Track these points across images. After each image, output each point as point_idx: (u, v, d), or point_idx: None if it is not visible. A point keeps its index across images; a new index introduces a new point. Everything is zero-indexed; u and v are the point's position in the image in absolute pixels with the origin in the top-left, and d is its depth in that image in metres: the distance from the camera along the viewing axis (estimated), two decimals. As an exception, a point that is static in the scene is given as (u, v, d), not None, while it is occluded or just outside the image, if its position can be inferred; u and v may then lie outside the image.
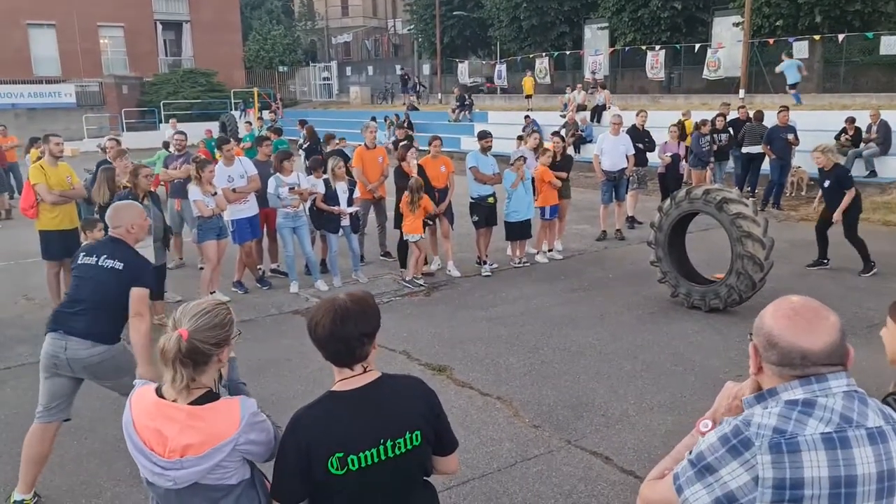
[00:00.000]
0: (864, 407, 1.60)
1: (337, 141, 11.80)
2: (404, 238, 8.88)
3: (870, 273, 8.84)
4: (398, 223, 9.00)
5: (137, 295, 4.10)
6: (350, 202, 8.77)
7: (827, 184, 8.91)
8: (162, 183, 10.50)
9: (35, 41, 35.49)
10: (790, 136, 13.18)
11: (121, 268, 4.09)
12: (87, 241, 7.06)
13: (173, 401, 2.17)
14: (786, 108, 13.68)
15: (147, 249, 6.83)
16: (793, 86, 20.30)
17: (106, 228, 7.03)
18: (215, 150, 14.03)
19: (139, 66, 37.43)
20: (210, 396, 2.21)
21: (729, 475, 1.55)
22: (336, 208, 8.59)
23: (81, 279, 4.17)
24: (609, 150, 11.25)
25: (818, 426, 1.54)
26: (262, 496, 2.30)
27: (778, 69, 20.78)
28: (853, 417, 1.56)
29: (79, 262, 4.21)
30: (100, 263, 4.10)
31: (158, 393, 2.23)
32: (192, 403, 2.17)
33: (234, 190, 8.36)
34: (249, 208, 8.58)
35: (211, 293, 7.67)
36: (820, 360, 1.60)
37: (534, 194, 9.69)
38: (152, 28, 39.12)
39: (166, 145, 13.16)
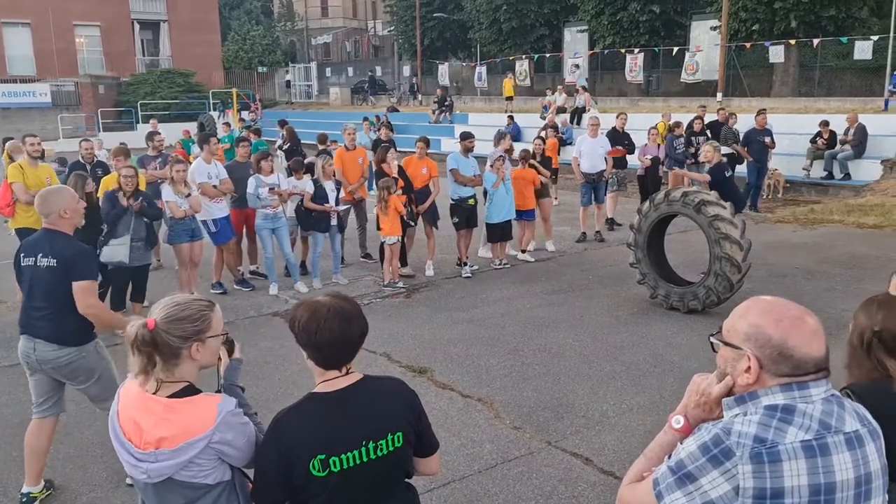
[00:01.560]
0: (841, 411, 1.60)
1: (329, 143, 11.81)
2: (381, 240, 8.86)
3: None
4: (379, 224, 8.97)
5: (79, 289, 3.92)
6: (337, 201, 8.76)
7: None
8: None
9: (9, 40, 34.95)
10: (767, 139, 13.34)
11: (55, 264, 3.90)
12: None
13: (154, 393, 2.16)
14: (763, 111, 13.83)
15: (122, 247, 6.75)
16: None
17: (90, 230, 6.99)
18: (192, 150, 13.96)
19: (116, 65, 36.97)
20: (190, 391, 2.18)
21: (709, 484, 1.55)
22: (328, 206, 8.57)
23: (29, 284, 3.99)
24: (588, 152, 11.31)
25: (798, 434, 1.54)
26: (243, 501, 2.27)
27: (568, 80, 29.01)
28: (832, 423, 1.57)
29: (21, 264, 4.01)
30: (37, 264, 3.92)
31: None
32: (171, 396, 2.15)
33: (214, 186, 8.40)
34: (224, 208, 8.66)
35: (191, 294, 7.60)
36: (823, 364, 1.60)
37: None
38: (129, 27, 38.69)
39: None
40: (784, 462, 1.51)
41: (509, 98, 27.62)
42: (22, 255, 4.03)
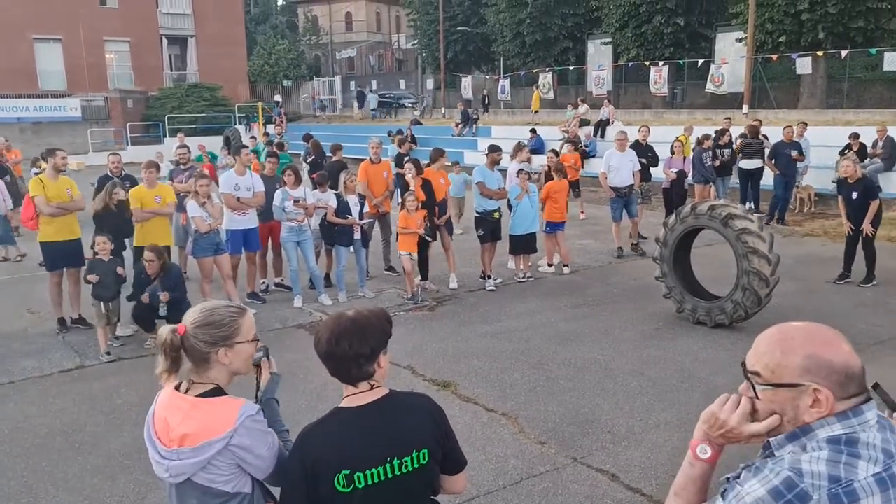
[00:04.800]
0: (894, 436, 1.53)
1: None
2: (398, 254, 8.88)
3: (870, 284, 8.91)
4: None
5: None
6: (361, 215, 8.78)
7: (854, 195, 8.87)
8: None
9: (41, 55, 35.71)
10: (794, 153, 13.17)
11: None
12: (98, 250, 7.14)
13: (185, 392, 2.21)
14: (800, 124, 13.61)
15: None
16: (373, 110, 36.89)
17: (115, 238, 7.18)
18: (216, 161, 14.13)
19: (144, 80, 37.61)
20: (217, 392, 2.22)
21: None
22: (351, 219, 8.61)
23: None
24: (617, 166, 11.11)
25: (869, 468, 1.46)
26: None
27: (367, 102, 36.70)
28: (892, 451, 1.50)
29: None
30: None
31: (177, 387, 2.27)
32: (199, 396, 2.19)
33: (237, 199, 8.40)
34: (248, 221, 8.59)
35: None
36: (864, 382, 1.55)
37: (541, 208, 9.77)
38: (158, 43, 39.38)
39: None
40: (862, 500, 1.43)
41: (536, 111, 27.61)
42: None
